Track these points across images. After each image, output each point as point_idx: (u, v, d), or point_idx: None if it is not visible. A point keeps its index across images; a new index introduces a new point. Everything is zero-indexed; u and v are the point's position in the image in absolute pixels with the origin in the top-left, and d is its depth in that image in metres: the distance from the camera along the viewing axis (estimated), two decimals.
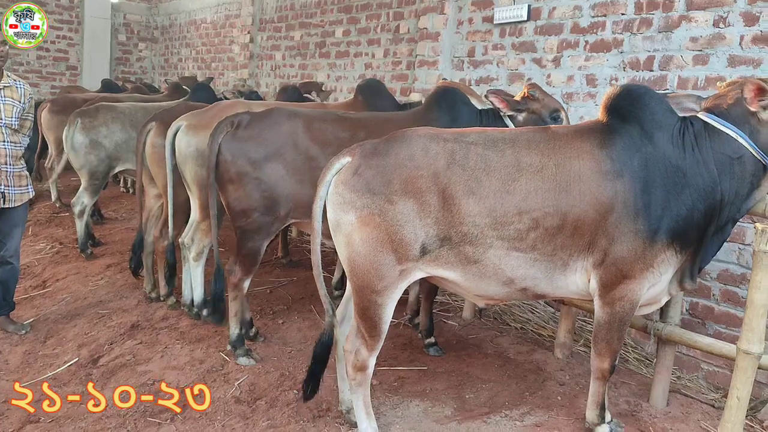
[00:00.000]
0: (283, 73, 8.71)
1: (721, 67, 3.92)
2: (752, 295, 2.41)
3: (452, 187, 2.69)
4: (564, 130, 2.89)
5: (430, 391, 3.62)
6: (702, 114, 2.81)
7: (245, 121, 3.67)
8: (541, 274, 2.78)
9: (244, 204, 3.61)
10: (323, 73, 7.84)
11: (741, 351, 2.50)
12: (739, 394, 2.47)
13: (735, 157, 2.70)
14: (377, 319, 2.82)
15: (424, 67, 6.06)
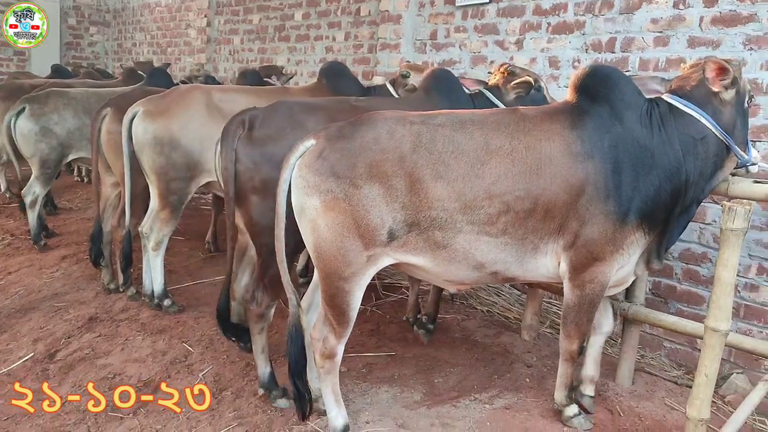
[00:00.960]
0: (242, 58, 8.53)
1: (681, 48, 3.95)
2: (719, 273, 2.44)
3: (419, 170, 2.64)
4: (533, 112, 2.87)
5: (398, 377, 3.60)
6: (666, 95, 2.82)
7: (259, 119, 3.16)
8: (511, 257, 2.76)
9: (271, 218, 2.93)
10: (283, 57, 7.70)
11: (709, 329, 2.52)
12: (708, 372, 2.50)
13: (699, 138, 2.72)
14: (345, 306, 2.77)
15: (386, 50, 5.99)
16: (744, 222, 2.34)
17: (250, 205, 3.08)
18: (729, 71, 2.67)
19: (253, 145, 3.06)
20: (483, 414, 3.21)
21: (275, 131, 3.10)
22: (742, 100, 2.77)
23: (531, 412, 3.22)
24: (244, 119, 3.14)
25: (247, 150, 3.06)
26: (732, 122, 2.73)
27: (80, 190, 8.40)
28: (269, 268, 3.08)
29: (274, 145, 3.05)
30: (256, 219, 3.07)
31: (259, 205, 3.05)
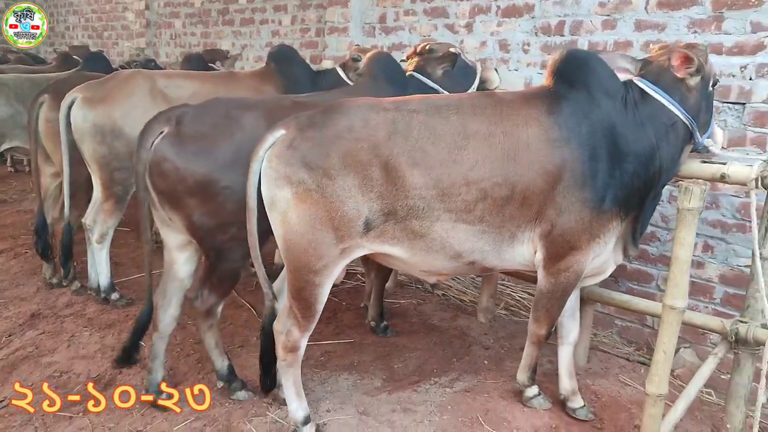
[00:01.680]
0: (184, 42, 8.28)
1: (628, 31, 4.01)
2: (677, 251, 2.48)
3: (395, 158, 2.57)
4: (510, 96, 2.83)
5: (358, 364, 3.57)
6: (637, 80, 2.81)
7: (189, 116, 2.90)
8: (489, 246, 2.74)
9: (216, 220, 2.83)
10: (227, 41, 7.50)
11: (667, 306, 2.57)
12: (666, 348, 2.55)
13: (670, 124, 2.73)
14: (313, 300, 2.71)
15: (334, 34, 5.90)
16: (699, 201, 2.39)
17: (189, 208, 2.83)
18: (693, 60, 2.68)
19: (183, 143, 2.81)
20: (444, 397, 3.22)
21: (209, 128, 2.87)
22: (707, 84, 2.79)
23: (491, 394, 3.25)
24: (170, 117, 2.89)
25: (176, 149, 2.80)
26: (697, 107, 2.76)
27: (14, 181, 8.02)
28: (217, 270, 2.95)
29: (207, 142, 2.83)
30: (198, 222, 2.84)
31: (199, 208, 2.82)
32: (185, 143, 2.83)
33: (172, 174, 2.80)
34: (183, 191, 2.82)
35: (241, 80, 4.46)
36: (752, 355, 2.87)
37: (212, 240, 2.87)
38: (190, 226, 2.89)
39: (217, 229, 2.85)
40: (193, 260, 3.10)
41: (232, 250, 2.90)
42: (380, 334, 3.93)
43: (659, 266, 3.92)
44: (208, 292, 3.00)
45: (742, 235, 3.56)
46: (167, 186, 2.83)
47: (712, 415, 3.26)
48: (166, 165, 2.81)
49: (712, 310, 3.68)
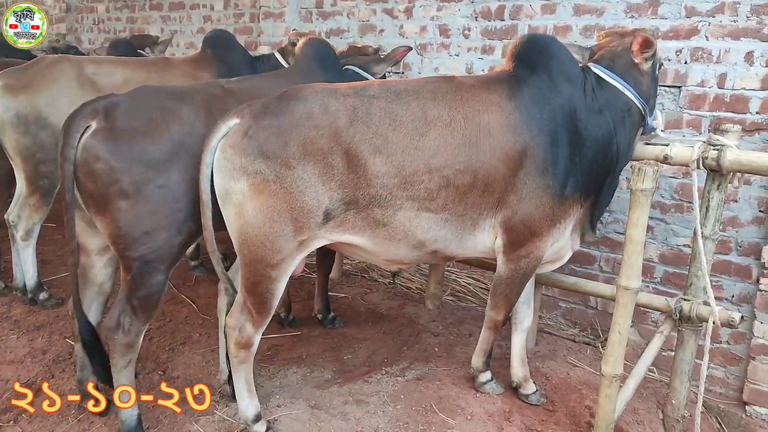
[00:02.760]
0: (109, 28, 7.88)
1: (567, 16, 4.03)
2: (630, 233, 2.51)
3: (357, 146, 2.50)
4: (470, 81, 2.78)
5: (306, 357, 3.49)
6: (593, 65, 2.81)
7: (121, 108, 2.60)
8: (451, 235, 2.70)
9: (147, 225, 2.54)
10: (156, 27, 7.18)
11: (621, 287, 2.60)
12: (621, 329, 2.58)
13: (626, 110, 2.75)
14: (269, 295, 2.61)
15: (269, 19, 5.73)
16: (652, 182, 2.41)
17: (117, 212, 2.52)
18: (653, 44, 2.71)
19: (118, 140, 2.52)
20: (396, 387, 3.18)
21: (144, 123, 2.59)
22: (655, 68, 2.84)
23: (443, 381, 3.23)
24: (96, 109, 2.58)
25: (110, 146, 2.51)
26: (649, 91, 2.80)
27: None
28: (141, 287, 2.61)
29: (144, 139, 2.55)
30: (126, 229, 2.54)
31: (129, 212, 2.52)
32: (120, 140, 2.54)
33: (105, 175, 2.51)
34: (115, 193, 2.53)
35: (176, 67, 4.26)
36: (695, 332, 2.94)
37: (139, 249, 2.57)
38: (115, 232, 2.57)
39: (146, 236, 2.56)
40: (113, 263, 2.85)
41: (160, 260, 2.62)
42: (328, 326, 3.85)
43: (601, 248, 3.99)
44: (130, 318, 2.64)
45: (680, 216, 3.66)
46: (97, 188, 2.53)
47: (656, 392, 3.35)
48: (98, 165, 2.51)
49: (652, 289, 3.77)
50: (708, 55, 3.50)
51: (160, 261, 2.62)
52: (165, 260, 2.63)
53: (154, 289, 2.66)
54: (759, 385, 3.34)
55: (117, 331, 2.64)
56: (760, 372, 3.33)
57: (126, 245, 2.57)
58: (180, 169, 2.56)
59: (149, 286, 2.63)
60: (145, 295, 2.64)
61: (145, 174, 2.53)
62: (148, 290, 2.63)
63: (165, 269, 2.66)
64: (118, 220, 2.54)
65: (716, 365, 3.56)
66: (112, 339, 2.66)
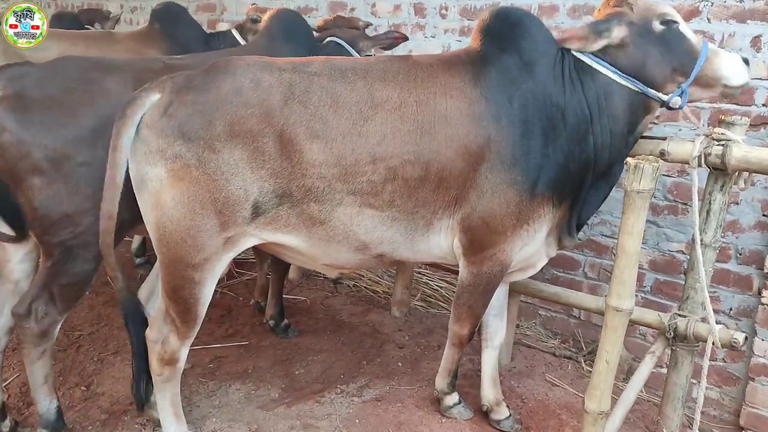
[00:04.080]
0: (65, 3, 7.36)
1: None
2: (623, 242, 2.10)
3: (291, 128, 2.14)
4: (428, 60, 2.40)
5: (253, 371, 3.09)
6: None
7: (32, 77, 2.33)
8: (400, 236, 2.32)
9: (67, 206, 2.28)
10: (115, 2, 6.68)
11: (611, 308, 2.20)
12: (609, 357, 2.18)
13: (602, 92, 2.32)
14: (193, 301, 2.23)
15: None
16: (651, 182, 2.01)
17: (32, 190, 2.25)
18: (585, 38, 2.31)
19: (26, 110, 2.25)
20: (351, 409, 2.79)
21: (59, 92, 2.32)
22: (648, 27, 2.33)
23: (405, 403, 2.85)
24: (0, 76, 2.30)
25: (18, 116, 2.23)
26: (639, 61, 2.33)
27: None
28: (63, 275, 2.35)
29: (60, 109, 2.28)
30: (42, 210, 2.27)
31: (46, 190, 2.26)
32: (30, 110, 2.26)
33: (13, 148, 2.23)
34: (25, 169, 2.25)
35: (120, 42, 3.84)
36: (691, 352, 2.59)
37: (59, 233, 2.29)
38: (31, 213, 2.29)
39: (67, 220, 2.28)
40: (32, 257, 2.50)
41: (85, 247, 2.32)
42: (281, 335, 3.44)
43: (586, 252, 3.62)
44: (44, 305, 2.37)
45: (674, 218, 3.29)
46: (5, 163, 2.25)
47: (644, 415, 2.98)
48: (4, 137, 2.22)
49: (641, 298, 3.40)
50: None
51: (84, 248, 2.34)
52: (90, 248, 2.33)
53: (78, 278, 2.39)
54: (758, 409, 2.98)
55: (28, 319, 2.38)
56: (759, 395, 2.98)
57: (44, 228, 2.31)
58: (106, 146, 2.22)
59: (72, 275, 2.37)
60: (67, 284, 2.38)
61: (62, 150, 2.23)
62: (70, 279, 2.38)
63: (92, 258, 2.37)
64: (32, 199, 2.27)
65: (710, 385, 3.19)
66: (23, 328, 2.40)
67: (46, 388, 2.50)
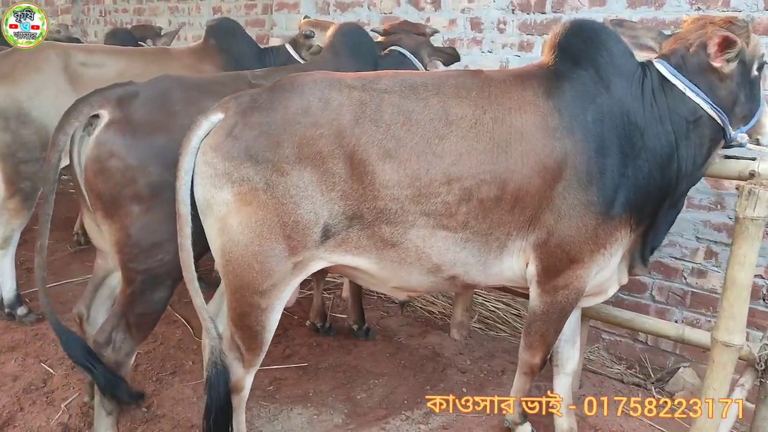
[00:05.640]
0: (115, 20, 7.47)
1: (620, 8, 3.55)
2: (734, 273, 1.98)
3: (363, 148, 2.06)
4: (500, 75, 2.32)
5: (313, 394, 3.01)
6: (657, 61, 2.30)
7: (139, 98, 2.29)
8: (473, 258, 2.23)
9: (159, 234, 2.23)
10: (163, 18, 6.76)
11: (719, 342, 2.07)
12: (718, 395, 2.05)
13: (692, 120, 2.23)
14: (259, 328, 2.17)
15: (283, 10, 5.29)
16: (767, 209, 1.89)
17: (128, 218, 2.22)
18: (735, 43, 2.16)
19: (134, 134, 2.21)
20: None
21: (164, 116, 2.27)
22: (750, 69, 2.27)
23: (473, 431, 2.74)
24: (108, 97, 2.27)
25: (128, 141, 2.20)
26: (732, 98, 2.25)
27: None
28: (139, 303, 2.32)
29: (164, 134, 2.23)
30: (136, 238, 2.24)
31: (141, 218, 2.23)
32: (137, 134, 2.23)
33: (119, 174, 2.21)
34: (128, 196, 2.22)
35: (176, 58, 3.82)
36: None
37: (146, 261, 2.26)
38: (123, 240, 2.27)
39: (156, 248, 2.24)
40: None
41: (168, 275, 2.28)
42: (362, 338, 3.53)
43: (654, 275, 3.49)
44: (123, 335, 2.34)
45: None
46: (109, 188, 2.22)
47: None
48: (112, 162, 2.20)
49: None
50: None
51: (167, 276, 2.31)
52: (172, 275, 2.30)
53: (155, 306, 2.37)
54: None
55: (107, 348, 2.35)
56: None
57: (132, 256, 2.27)
58: None
59: (150, 303, 2.34)
60: (144, 313, 2.35)
61: (164, 175, 2.18)
62: (147, 307, 2.35)
63: (170, 285, 2.35)
64: (128, 226, 2.25)
65: None
66: (101, 356, 2.36)
67: (111, 421, 2.48)
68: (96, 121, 2.25)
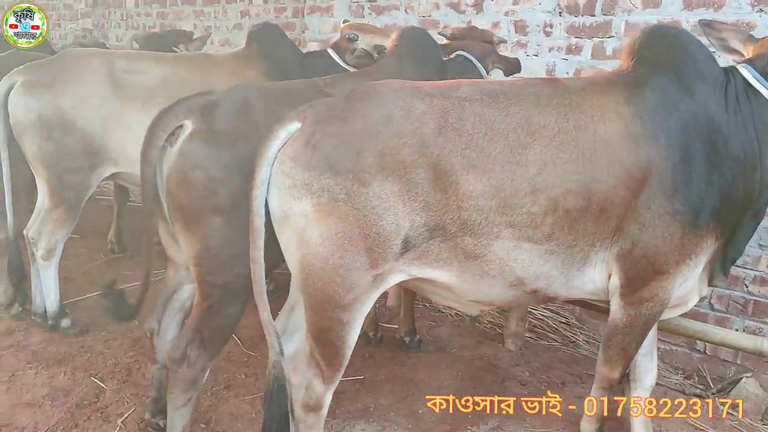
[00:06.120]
0: (138, 24, 7.41)
1: (675, 10, 3.47)
2: None
3: (447, 158, 2.01)
4: (578, 83, 2.29)
5: (374, 409, 2.95)
6: (742, 67, 2.25)
7: (221, 108, 2.28)
8: (556, 271, 2.18)
9: (238, 247, 2.17)
10: (188, 22, 6.69)
11: None
12: None
13: None
14: (340, 343, 2.12)
15: (315, 13, 5.22)
16: None
17: (209, 230, 2.21)
18: None
19: (218, 146, 2.19)
20: None
21: (246, 127, 2.24)
22: None
23: None
24: (192, 107, 2.26)
25: (211, 152, 2.19)
26: None
27: None
28: (215, 317, 2.29)
29: (245, 146, 2.19)
30: (215, 250, 2.22)
31: (221, 231, 2.20)
32: (221, 146, 2.21)
33: (202, 186, 2.20)
34: (210, 208, 2.21)
35: (219, 64, 3.77)
36: None
37: (224, 275, 2.24)
38: (202, 253, 2.25)
39: (235, 261, 2.21)
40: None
41: (244, 288, 2.23)
42: (414, 349, 3.47)
43: None
44: (197, 350, 2.32)
45: None
46: (191, 200, 2.21)
47: None
48: (195, 174, 2.19)
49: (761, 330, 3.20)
50: None
51: (243, 289, 2.25)
52: (248, 289, 2.22)
53: (230, 320, 2.36)
54: None
55: (181, 364, 2.34)
56: None
57: (210, 269, 2.26)
58: None
59: (226, 317, 2.33)
60: (219, 327, 2.34)
61: (244, 186, 2.13)
62: (223, 321, 2.34)
63: (245, 299, 2.32)
64: (207, 238, 2.23)
65: None
66: (175, 372, 2.36)
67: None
68: (178, 131, 2.22)
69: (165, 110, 2.28)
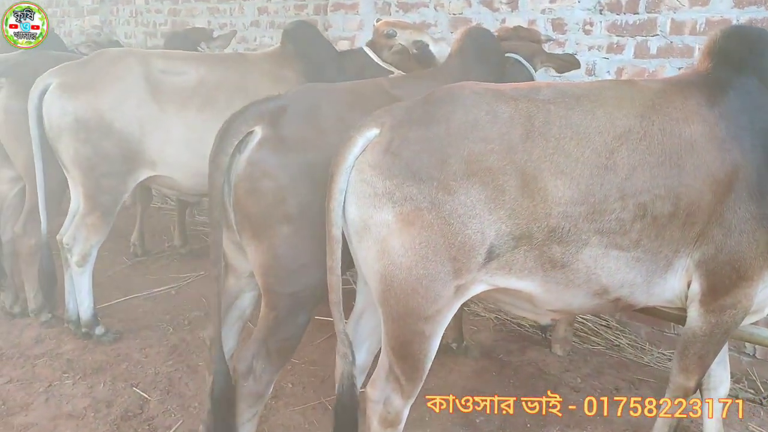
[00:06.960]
0: (148, 21, 7.28)
1: (725, 7, 3.40)
2: None
3: (535, 164, 1.95)
4: (657, 85, 2.21)
5: (430, 418, 2.88)
6: None
7: (289, 113, 2.21)
8: (640, 278, 2.11)
9: (308, 256, 2.15)
10: (202, 19, 6.57)
11: None
12: None
13: None
14: (422, 356, 2.05)
15: (339, 11, 5.12)
16: None
17: (277, 239, 2.15)
18: None
19: (287, 153, 2.14)
20: None
21: (315, 133, 2.19)
22: None
23: None
24: (262, 112, 2.18)
25: (281, 160, 2.13)
26: None
27: None
28: (282, 328, 2.23)
29: (315, 153, 2.14)
30: (283, 259, 2.17)
31: (290, 239, 2.15)
32: (290, 153, 2.16)
33: (272, 194, 2.14)
34: (279, 217, 2.15)
35: (255, 64, 3.66)
36: None
37: (293, 284, 2.18)
38: (269, 262, 2.19)
39: (303, 270, 2.16)
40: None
41: (312, 298, 2.20)
42: (460, 355, 3.40)
43: None
44: (263, 363, 2.25)
45: None
46: (260, 209, 2.15)
47: None
48: (265, 182, 2.14)
49: None
50: None
51: (311, 299, 2.25)
52: (315, 298, 2.24)
53: (297, 331, 2.30)
54: None
55: (248, 378, 2.27)
56: None
57: (278, 279, 2.20)
58: None
59: (292, 327, 2.27)
60: (285, 338, 2.27)
61: (313, 194, 2.11)
62: (289, 332, 2.27)
63: (311, 309, 2.29)
64: (275, 247, 2.17)
65: None
66: (241, 386, 2.29)
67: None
68: (248, 138, 2.15)
69: (235, 115, 2.20)
